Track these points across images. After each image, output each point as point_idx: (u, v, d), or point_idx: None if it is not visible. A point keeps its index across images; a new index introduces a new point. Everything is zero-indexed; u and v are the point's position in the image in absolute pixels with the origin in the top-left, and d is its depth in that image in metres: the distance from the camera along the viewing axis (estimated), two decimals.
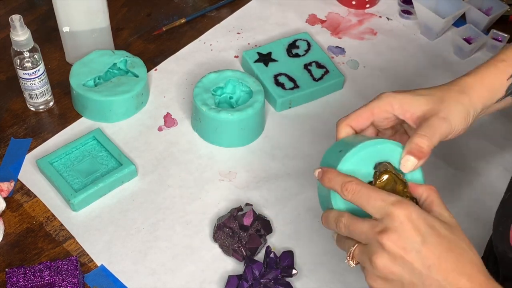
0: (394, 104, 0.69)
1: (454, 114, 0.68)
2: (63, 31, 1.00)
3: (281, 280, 0.80)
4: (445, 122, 0.67)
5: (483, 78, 0.71)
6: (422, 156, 0.65)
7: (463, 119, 0.69)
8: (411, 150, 0.65)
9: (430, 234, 0.59)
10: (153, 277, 0.82)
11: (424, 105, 0.68)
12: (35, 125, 0.97)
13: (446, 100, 0.68)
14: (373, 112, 0.70)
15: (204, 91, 0.94)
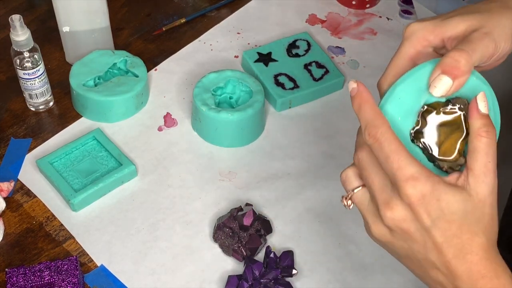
0: (429, 36, 0.58)
1: (499, 29, 0.57)
2: (63, 31, 1.00)
3: (281, 280, 0.80)
4: (487, 37, 0.56)
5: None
6: (458, 74, 0.54)
7: (510, 35, 0.57)
8: (444, 67, 0.54)
9: (439, 219, 0.52)
10: (153, 277, 0.82)
11: (461, 25, 0.57)
12: (35, 125, 0.97)
13: (486, 15, 0.57)
14: (410, 56, 0.59)
15: (204, 91, 0.94)
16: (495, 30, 0.56)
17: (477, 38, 0.55)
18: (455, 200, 0.52)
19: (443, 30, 0.57)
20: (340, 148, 0.96)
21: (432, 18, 0.59)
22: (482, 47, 0.55)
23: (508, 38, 0.57)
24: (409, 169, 0.52)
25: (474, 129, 0.54)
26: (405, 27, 0.60)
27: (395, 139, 0.53)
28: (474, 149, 0.54)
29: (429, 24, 0.58)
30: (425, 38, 0.58)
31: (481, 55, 0.55)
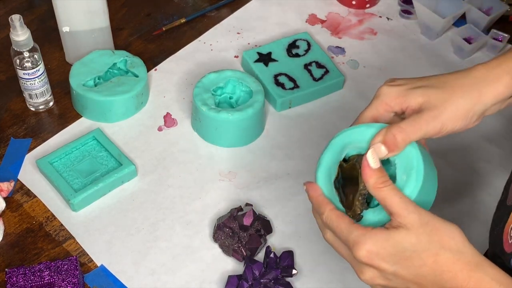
0: (391, 102, 0.65)
1: (451, 112, 0.63)
2: (63, 31, 1.00)
3: (281, 280, 0.80)
4: (433, 121, 0.62)
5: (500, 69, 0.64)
6: (393, 149, 0.61)
7: (463, 116, 0.63)
8: (385, 140, 0.61)
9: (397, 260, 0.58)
10: (153, 277, 0.82)
11: (421, 97, 0.63)
12: (35, 125, 0.97)
13: (446, 94, 0.63)
14: (374, 114, 0.67)
15: (204, 91, 0.94)
16: (446, 113, 0.62)
17: (425, 120, 0.62)
18: (399, 240, 0.58)
19: (404, 100, 0.64)
20: None
21: (401, 84, 0.65)
22: (427, 128, 0.62)
23: (458, 119, 0.63)
24: (350, 236, 0.60)
25: (370, 185, 0.60)
26: (378, 88, 0.67)
27: (336, 216, 0.62)
28: (382, 199, 0.60)
29: (394, 91, 0.65)
30: (387, 104, 0.65)
31: (424, 134, 0.62)
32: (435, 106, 0.63)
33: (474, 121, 0.65)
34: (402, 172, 0.62)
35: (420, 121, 0.62)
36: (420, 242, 0.58)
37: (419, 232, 0.58)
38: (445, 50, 1.10)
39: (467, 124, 0.64)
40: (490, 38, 1.07)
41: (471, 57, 1.09)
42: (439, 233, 0.58)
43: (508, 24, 1.13)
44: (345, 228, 0.60)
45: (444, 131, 0.63)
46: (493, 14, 1.09)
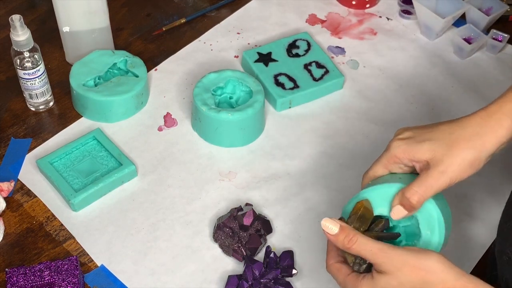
0: (401, 157, 0.69)
1: (457, 165, 0.66)
2: (63, 31, 1.00)
3: (281, 280, 0.80)
4: (442, 176, 0.66)
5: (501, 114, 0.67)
6: (411, 210, 0.67)
7: (469, 166, 0.66)
8: (402, 203, 0.67)
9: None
10: (153, 277, 0.82)
11: (427, 153, 0.67)
12: (35, 125, 0.97)
13: (451, 148, 0.66)
14: (386, 165, 0.71)
15: (204, 91, 0.94)
16: (452, 167, 0.66)
17: (434, 178, 0.66)
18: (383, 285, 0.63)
19: (412, 155, 0.68)
20: (340, 148, 0.96)
21: (409, 137, 0.69)
22: (437, 184, 0.66)
23: (465, 170, 0.66)
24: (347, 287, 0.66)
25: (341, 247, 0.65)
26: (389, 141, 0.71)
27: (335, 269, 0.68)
28: (357, 253, 0.64)
29: (403, 146, 0.69)
30: (397, 157, 0.69)
31: (436, 191, 0.66)
32: (441, 161, 0.66)
33: (481, 166, 0.68)
34: (425, 228, 0.67)
35: (430, 180, 0.66)
36: (402, 283, 0.62)
37: (398, 275, 0.62)
38: (445, 50, 1.10)
39: (474, 172, 0.67)
40: (490, 38, 1.07)
41: (471, 57, 1.09)
42: (417, 271, 0.61)
43: (508, 24, 1.13)
44: (342, 280, 0.66)
45: (454, 182, 0.67)
46: (493, 14, 1.09)
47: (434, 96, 1.03)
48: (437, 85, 1.05)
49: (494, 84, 1.06)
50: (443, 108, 1.01)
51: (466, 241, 0.86)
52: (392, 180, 0.69)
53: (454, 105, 1.02)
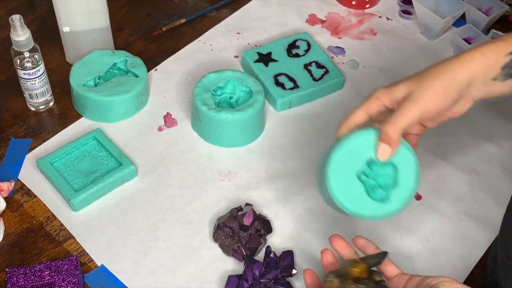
0: (382, 97, 0.71)
1: (428, 93, 0.68)
2: (63, 31, 1.00)
3: (281, 280, 0.80)
4: (414, 105, 0.68)
5: (475, 52, 0.70)
6: (390, 142, 0.68)
7: (441, 93, 0.68)
8: (381, 139, 0.68)
9: None
10: (153, 277, 0.82)
11: (403, 89, 0.70)
12: (35, 125, 0.97)
13: (423, 80, 0.69)
14: (367, 110, 0.72)
15: (204, 91, 0.94)
16: (423, 95, 0.68)
17: (406, 107, 0.68)
18: None
19: (392, 93, 0.70)
20: None
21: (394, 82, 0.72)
22: (411, 113, 0.68)
23: (437, 98, 0.68)
24: None
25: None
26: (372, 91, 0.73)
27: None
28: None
29: (385, 89, 0.71)
30: (380, 99, 0.71)
31: (410, 119, 0.68)
32: (413, 93, 0.69)
33: (456, 99, 0.69)
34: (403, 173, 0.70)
35: (403, 109, 0.68)
36: None
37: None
38: (445, 50, 1.10)
39: (449, 103, 0.69)
40: (490, 38, 1.07)
41: None
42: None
43: (508, 24, 1.13)
44: None
45: (430, 112, 0.68)
46: (493, 14, 1.09)
47: None
48: None
49: None
50: None
51: (466, 241, 0.86)
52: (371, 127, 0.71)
53: None
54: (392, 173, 0.70)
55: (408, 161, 0.70)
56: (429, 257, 0.84)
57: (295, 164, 0.94)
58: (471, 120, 1.00)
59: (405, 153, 0.70)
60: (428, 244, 0.86)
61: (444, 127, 0.99)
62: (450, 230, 0.87)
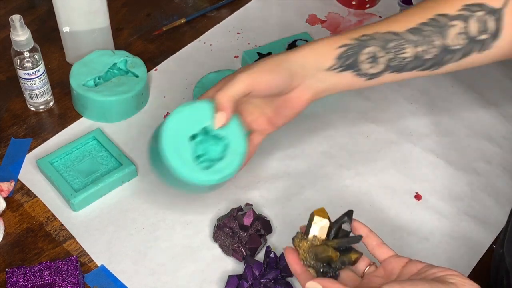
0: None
1: (259, 67, 0.74)
2: (63, 31, 1.00)
3: (281, 280, 0.80)
4: (245, 74, 0.73)
5: (310, 43, 0.77)
6: (222, 109, 0.73)
7: (274, 70, 0.74)
8: (215, 107, 0.73)
9: None
10: (153, 277, 0.82)
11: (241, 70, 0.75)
12: (35, 125, 0.97)
13: (259, 61, 0.76)
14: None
15: (204, 91, 0.94)
16: (253, 67, 0.74)
17: (237, 76, 0.73)
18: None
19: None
20: (340, 148, 0.96)
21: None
22: (239, 82, 0.73)
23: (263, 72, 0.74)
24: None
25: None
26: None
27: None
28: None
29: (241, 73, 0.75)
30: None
31: (238, 88, 0.73)
32: (247, 66, 0.75)
33: (288, 79, 0.74)
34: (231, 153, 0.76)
35: (235, 78, 0.74)
36: None
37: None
38: None
39: (281, 81, 0.74)
40: None
41: None
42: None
43: None
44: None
45: (262, 84, 0.74)
46: None
47: (434, 96, 1.03)
48: (437, 85, 1.05)
49: (494, 84, 1.06)
50: (443, 108, 1.01)
51: (466, 241, 0.86)
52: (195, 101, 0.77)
53: (454, 105, 1.02)
54: (222, 148, 0.76)
55: (237, 138, 0.76)
56: (429, 257, 0.84)
57: (295, 164, 0.94)
58: (471, 120, 1.00)
59: (236, 129, 0.76)
60: (428, 244, 0.86)
61: (444, 127, 0.99)
62: (450, 230, 0.87)
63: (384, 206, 0.89)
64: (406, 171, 0.93)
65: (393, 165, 0.94)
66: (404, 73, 0.77)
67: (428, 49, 0.76)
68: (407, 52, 0.76)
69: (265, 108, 0.79)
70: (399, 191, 0.91)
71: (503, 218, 0.88)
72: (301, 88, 0.76)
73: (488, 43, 0.76)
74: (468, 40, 0.76)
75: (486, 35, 0.75)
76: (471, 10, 0.75)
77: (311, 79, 0.76)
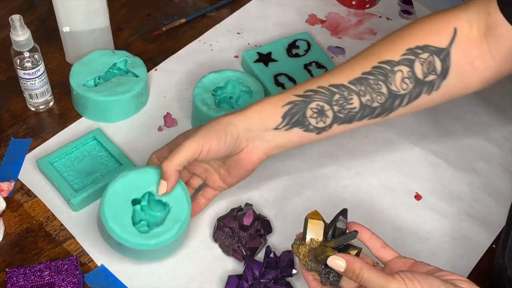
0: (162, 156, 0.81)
1: (204, 132, 0.76)
2: (63, 31, 1.00)
3: (281, 280, 0.80)
4: (189, 141, 0.75)
5: (255, 104, 0.77)
6: (166, 178, 0.76)
7: (219, 134, 0.75)
8: (161, 175, 0.76)
9: None
10: (153, 277, 0.82)
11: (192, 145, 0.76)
12: (35, 125, 0.97)
13: (203, 126, 0.78)
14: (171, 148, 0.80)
15: (204, 91, 0.94)
16: (199, 134, 0.76)
17: (182, 144, 0.75)
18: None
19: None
20: (340, 148, 0.96)
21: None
22: (184, 150, 0.75)
23: (213, 137, 0.75)
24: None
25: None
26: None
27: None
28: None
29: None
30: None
31: (185, 155, 0.75)
32: (191, 133, 0.77)
33: (235, 141, 0.76)
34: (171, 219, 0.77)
35: (180, 146, 0.75)
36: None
37: None
38: None
39: (227, 144, 0.76)
40: None
41: None
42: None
43: None
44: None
45: (207, 148, 0.75)
46: None
47: None
48: None
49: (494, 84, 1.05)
50: (443, 108, 1.01)
51: (466, 241, 0.86)
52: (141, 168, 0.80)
53: (454, 105, 1.02)
54: (164, 214, 0.78)
55: (180, 205, 0.78)
56: (429, 257, 0.84)
57: (295, 164, 0.94)
58: (471, 120, 1.00)
59: (179, 196, 0.78)
60: (428, 244, 0.86)
61: (444, 127, 0.99)
62: (450, 230, 0.87)
63: (384, 206, 0.89)
64: (406, 171, 0.93)
65: (393, 165, 0.94)
66: (354, 123, 0.77)
67: (375, 97, 0.75)
68: (353, 102, 0.76)
69: (218, 167, 0.81)
70: (399, 191, 0.91)
71: (503, 218, 0.88)
72: (250, 149, 0.77)
73: (437, 83, 0.75)
74: (415, 83, 0.75)
75: (434, 75, 0.75)
76: (415, 53, 0.75)
77: (258, 140, 0.77)
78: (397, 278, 0.60)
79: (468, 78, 0.76)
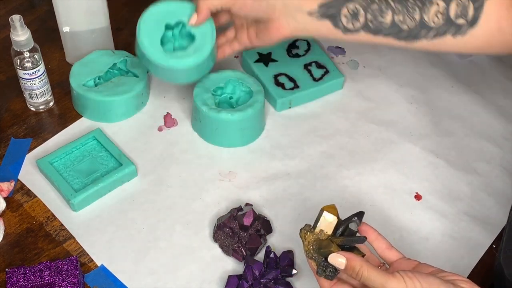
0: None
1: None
2: (63, 31, 1.00)
3: (281, 280, 0.80)
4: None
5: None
6: (199, 12, 0.86)
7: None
8: (196, 11, 0.86)
9: None
10: (153, 277, 0.82)
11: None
12: (35, 125, 0.97)
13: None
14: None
15: (204, 91, 0.94)
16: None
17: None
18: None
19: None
20: (340, 148, 0.96)
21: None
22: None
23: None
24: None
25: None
26: None
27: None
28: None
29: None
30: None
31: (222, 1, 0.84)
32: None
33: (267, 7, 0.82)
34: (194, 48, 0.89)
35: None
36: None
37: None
38: None
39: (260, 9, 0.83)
40: None
41: (471, 57, 1.09)
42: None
43: None
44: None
45: (243, 6, 0.83)
46: None
47: (434, 96, 1.03)
48: (437, 85, 1.05)
49: (494, 84, 1.06)
50: (443, 108, 1.02)
51: (466, 241, 0.86)
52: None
53: (454, 105, 1.02)
54: (190, 42, 0.89)
55: (206, 39, 0.88)
56: (429, 257, 0.84)
57: (295, 164, 0.94)
58: (471, 120, 1.00)
59: (207, 31, 0.88)
60: (428, 244, 0.86)
61: (444, 127, 0.99)
62: (450, 230, 0.87)
63: (384, 206, 0.89)
64: (406, 171, 0.93)
65: (393, 165, 0.94)
66: (379, 37, 0.81)
67: (406, 20, 0.79)
68: (386, 17, 0.79)
69: (249, 26, 0.89)
70: (399, 191, 0.91)
71: (503, 218, 0.88)
72: (280, 23, 0.83)
73: (464, 29, 0.79)
74: (445, 21, 0.79)
75: (463, 20, 0.78)
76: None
77: (290, 18, 0.83)
78: (397, 276, 0.60)
79: (493, 37, 0.79)
